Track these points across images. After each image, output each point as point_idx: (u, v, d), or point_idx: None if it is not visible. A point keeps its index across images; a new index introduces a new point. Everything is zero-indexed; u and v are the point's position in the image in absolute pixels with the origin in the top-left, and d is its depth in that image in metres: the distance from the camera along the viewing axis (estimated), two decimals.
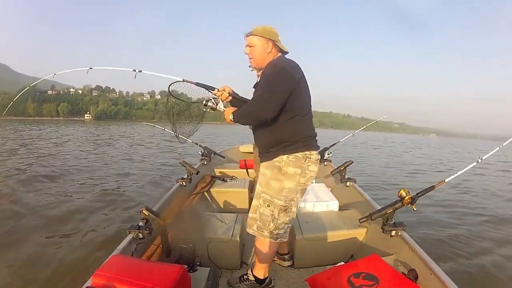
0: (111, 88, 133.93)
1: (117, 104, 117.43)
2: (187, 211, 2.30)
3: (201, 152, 3.91)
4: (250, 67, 1.94)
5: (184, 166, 2.95)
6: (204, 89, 1.74)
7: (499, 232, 4.16)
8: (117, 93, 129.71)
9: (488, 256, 3.33)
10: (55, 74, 2.23)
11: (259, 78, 1.61)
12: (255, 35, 1.57)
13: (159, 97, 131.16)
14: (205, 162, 3.79)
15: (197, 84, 1.75)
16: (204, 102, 1.68)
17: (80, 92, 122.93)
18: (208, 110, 1.70)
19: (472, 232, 4.06)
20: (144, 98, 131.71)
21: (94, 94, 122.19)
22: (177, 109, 1.90)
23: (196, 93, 1.80)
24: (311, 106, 1.62)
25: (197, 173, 2.94)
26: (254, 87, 1.66)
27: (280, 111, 1.46)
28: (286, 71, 1.46)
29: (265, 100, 1.43)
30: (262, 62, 1.59)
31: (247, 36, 1.60)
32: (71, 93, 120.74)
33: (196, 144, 4.04)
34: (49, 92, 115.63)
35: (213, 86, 1.71)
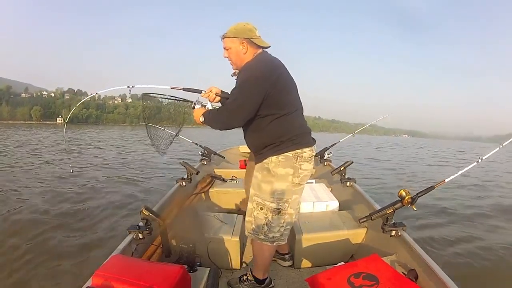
0: (83, 91, 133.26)
1: (88, 107, 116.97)
2: (187, 211, 2.30)
3: (201, 152, 3.90)
4: (232, 75, 1.95)
5: (184, 166, 2.95)
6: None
7: (500, 232, 4.16)
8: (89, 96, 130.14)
9: (489, 256, 3.33)
10: (97, 93, 2.30)
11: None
12: (229, 37, 1.52)
13: (130, 100, 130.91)
14: (205, 162, 3.78)
15: (184, 89, 1.74)
16: (192, 106, 1.67)
17: (53, 95, 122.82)
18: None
19: (472, 232, 4.06)
20: (115, 102, 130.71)
21: (67, 97, 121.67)
22: (148, 112, 1.84)
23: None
24: (299, 101, 1.57)
25: (197, 173, 2.94)
26: None
27: (264, 114, 1.44)
28: (260, 75, 1.41)
29: (235, 108, 1.42)
30: (241, 63, 1.53)
31: (222, 38, 1.55)
32: (44, 96, 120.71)
33: (196, 144, 4.04)
34: (23, 95, 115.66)
35: (199, 89, 1.70)
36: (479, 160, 1.96)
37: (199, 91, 1.69)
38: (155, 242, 1.80)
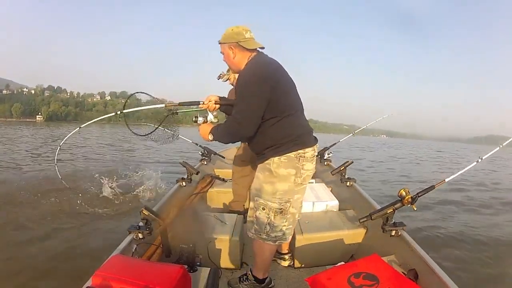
0: (62, 88, 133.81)
1: (67, 105, 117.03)
2: (187, 211, 2.30)
3: (201, 152, 3.90)
4: (218, 78, 1.91)
5: (184, 166, 2.95)
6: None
7: (499, 231, 4.17)
8: (68, 94, 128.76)
9: (488, 255, 3.34)
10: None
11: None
12: (220, 42, 1.55)
13: (109, 98, 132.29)
14: (205, 162, 3.78)
15: (180, 104, 1.73)
16: (193, 119, 1.65)
17: (33, 92, 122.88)
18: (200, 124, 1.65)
19: (472, 231, 4.07)
20: (94, 99, 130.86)
21: (46, 94, 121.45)
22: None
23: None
24: (299, 100, 1.57)
25: (197, 173, 2.94)
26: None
27: (266, 118, 1.43)
28: (259, 80, 1.40)
29: (244, 118, 1.40)
30: (236, 68, 1.55)
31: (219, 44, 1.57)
32: (24, 93, 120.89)
33: (196, 144, 4.04)
34: (4, 91, 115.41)
35: (197, 100, 1.69)
36: (479, 160, 1.96)
37: (197, 103, 1.67)
38: (155, 242, 1.80)
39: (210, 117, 1.64)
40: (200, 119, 1.63)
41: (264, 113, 1.42)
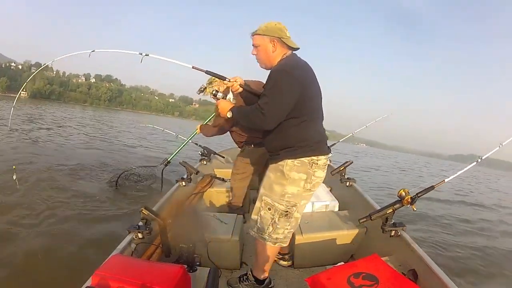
0: (49, 66, 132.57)
1: (52, 83, 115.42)
2: (187, 211, 2.30)
3: (201, 152, 3.90)
4: (199, 93, 1.89)
5: (184, 166, 2.95)
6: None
7: (499, 231, 4.17)
8: (54, 72, 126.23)
9: (488, 255, 3.34)
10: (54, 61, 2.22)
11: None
12: (259, 34, 1.51)
13: (94, 80, 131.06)
14: (205, 162, 3.78)
15: (207, 72, 1.69)
16: (213, 92, 1.64)
17: (20, 67, 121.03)
18: (219, 99, 1.64)
19: (472, 231, 4.07)
20: (80, 80, 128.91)
21: (33, 70, 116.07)
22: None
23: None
24: (322, 108, 1.57)
25: (197, 173, 2.94)
26: None
27: (288, 117, 1.43)
28: (293, 76, 1.40)
29: (269, 111, 1.38)
30: (269, 62, 1.53)
31: (252, 35, 1.54)
32: (12, 68, 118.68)
33: (196, 144, 4.04)
34: None
35: (224, 75, 1.66)
36: (479, 160, 1.97)
37: (223, 78, 1.65)
38: (155, 242, 1.80)
39: (230, 96, 1.63)
40: (220, 95, 1.63)
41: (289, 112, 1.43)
